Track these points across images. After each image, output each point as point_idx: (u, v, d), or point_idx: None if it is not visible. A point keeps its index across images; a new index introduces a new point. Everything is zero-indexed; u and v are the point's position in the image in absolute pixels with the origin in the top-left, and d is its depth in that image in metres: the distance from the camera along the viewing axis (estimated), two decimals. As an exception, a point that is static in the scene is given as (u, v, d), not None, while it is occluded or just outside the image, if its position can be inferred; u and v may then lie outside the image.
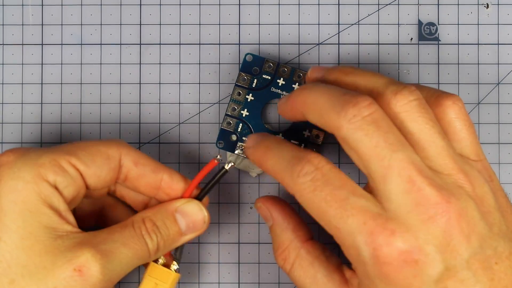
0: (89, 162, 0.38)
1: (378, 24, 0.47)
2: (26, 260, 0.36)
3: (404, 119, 0.36)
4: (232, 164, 0.42)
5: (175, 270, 0.41)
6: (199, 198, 0.42)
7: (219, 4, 0.47)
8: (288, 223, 0.40)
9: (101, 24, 0.47)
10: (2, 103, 0.47)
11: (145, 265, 0.41)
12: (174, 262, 0.41)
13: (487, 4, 0.47)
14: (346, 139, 0.35)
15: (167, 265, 0.41)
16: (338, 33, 0.47)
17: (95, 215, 0.43)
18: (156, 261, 0.41)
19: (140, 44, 0.47)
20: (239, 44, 0.47)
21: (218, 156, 0.41)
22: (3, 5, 0.47)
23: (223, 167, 0.42)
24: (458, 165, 0.36)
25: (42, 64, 0.47)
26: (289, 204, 0.41)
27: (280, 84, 0.46)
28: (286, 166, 0.37)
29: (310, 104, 0.37)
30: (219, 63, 0.47)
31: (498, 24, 0.47)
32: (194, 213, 0.41)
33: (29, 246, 0.36)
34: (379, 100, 0.36)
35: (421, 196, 0.34)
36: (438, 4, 0.47)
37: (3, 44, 0.47)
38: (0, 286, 0.36)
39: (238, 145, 0.45)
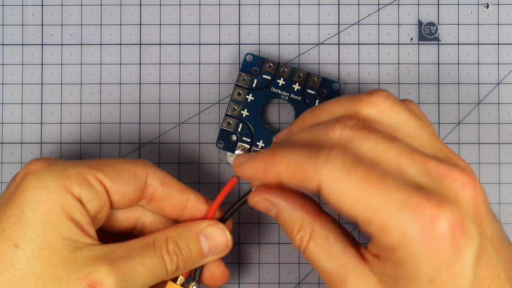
0: (116, 179, 0.38)
1: (378, 24, 0.47)
2: (41, 270, 0.36)
3: (388, 114, 0.36)
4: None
5: None
6: (223, 220, 0.41)
7: (219, 4, 0.47)
8: (294, 202, 0.38)
9: (101, 24, 0.47)
10: (2, 103, 0.47)
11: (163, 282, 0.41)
12: (193, 283, 0.41)
13: (487, 4, 0.47)
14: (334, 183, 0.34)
15: (184, 284, 0.41)
16: (338, 33, 0.47)
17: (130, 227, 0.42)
18: (175, 279, 0.40)
19: (140, 44, 0.47)
20: (239, 44, 0.47)
21: (238, 174, 0.40)
22: (3, 5, 0.47)
23: (251, 190, 0.40)
24: (445, 146, 0.36)
25: (42, 64, 0.47)
26: (283, 185, 0.39)
27: (280, 84, 0.46)
28: (307, 157, 0.34)
29: (284, 160, 0.35)
30: (219, 63, 0.47)
31: (498, 24, 0.47)
32: (218, 237, 0.40)
33: (46, 256, 0.36)
34: (356, 116, 0.36)
35: (443, 172, 0.33)
36: (438, 4, 0.47)
37: (3, 44, 0.47)
38: None
39: (238, 145, 0.45)
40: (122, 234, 0.41)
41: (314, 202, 0.38)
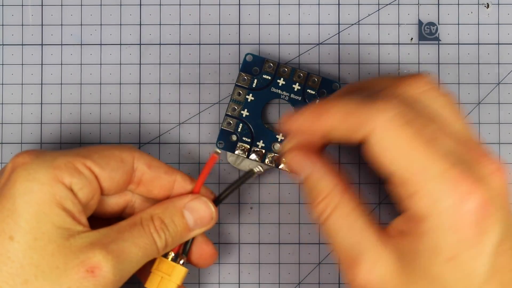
0: (104, 165, 0.39)
1: (378, 24, 0.47)
2: (39, 260, 0.36)
3: (428, 97, 0.36)
4: (261, 169, 0.41)
5: (182, 265, 0.41)
6: (219, 199, 0.42)
7: (219, 4, 0.47)
8: (328, 170, 0.38)
9: (101, 24, 0.47)
10: (2, 104, 0.47)
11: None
12: (182, 256, 0.41)
13: (488, 4, 0.47)
14: (381, 134, 0.34)
15: (174, 259, 0.41)
16: (338, 33, 0.47)
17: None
18: (165, 255, 0.41)
19: (140, 44, 0.47)
20: (239, 44, 0.47)
21: (218, 150, 0.41)
22: (3, 5, 0.47)
23: (251, 169, 0.41)
24: (477, 138, 0.37)
25: (42, 64, 0.47)
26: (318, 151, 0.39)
27: (280, 84, 0.46)
28: (360, 105, 0.34)
29: (336, 107, 0.36)
30: (219, 63, 0.47)
31: (498, 24, 0.47)
32: (202, 209, 0.41)
33: (42, 247, 0.36)
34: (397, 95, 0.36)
35: (479, 155, 0.34)
36: (438, 4, 0.47)
37: (3, 45, 0.47)
38: (13, 286, 0.36)
39: (238, 145, 0.45)
40: (113, 219, 0.42)
41: (346, 176, 0.38)
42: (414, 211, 0.34)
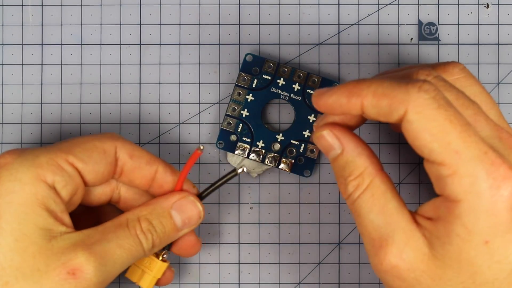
0: (86, 159, 0.38)
1: (378, 24, 0.47)
2: (20, 262, 0.36)
3: (463, 84, 0.37)
4: (244, 170, 0.41)
5: (164, 257, 0.41)
6: (202, 196, 0.41)
7: (219, 4, 0.47)
8: (363, 148, 0.37)
9: (101, 24, 0.47)
10: (2, 103, 0.47)
11: None
12: (164, 252, 0.41)
13: (487, 4, 0.47)
14: (417, 113, 0.34)
15: (157, 254, 0.41)
16: (338, 33, 0.47)
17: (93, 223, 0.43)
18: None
19: (140, 44, 0.47)
20: (239, 44, 0.47)
21: (201, 147, 0.40)
22: (3, 5, 0.47)
23: (234, 169, 0.41)
24: (509, 127, 0.37)
25: (42, 64, 0.47)
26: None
27: (280, 84, 0.46)
28: (397, 85, 0.34)
29: (371, 87, 0.35)
30: (219, 63, 0.47)
31: (498, 24, 0.47)
32: (190, 209, 0.40)
33: (23, 248, 0.36)
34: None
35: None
36: (438, 4, 0.47)
37: (3, 44, 0.47)
38: None
39: (238, 145, 0.45)
40: (102, 210, 0.42)
41: (377, 158, 0.38)
42: (450, 192, 0.33)
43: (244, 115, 0.45)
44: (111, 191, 0.41)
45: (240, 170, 0.41)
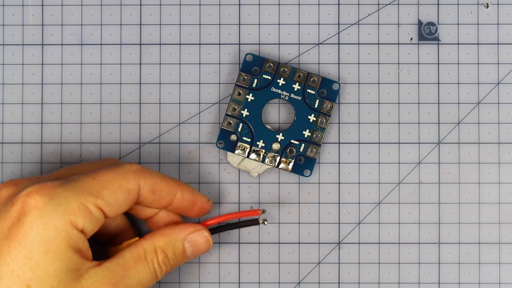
0: (113, 202, 0.39)
1: (378, 24, 0.47)
2: None
3: None
4: (265, 223, 0.44)
5: None
6: (215, 229, 0.44)
7: (219, 4, 0.47)
8: None
9: (101, 24, 0.47)
10: (3, 103, 0.47)
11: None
12: None
13: (487, 4, 0.47)
14: None
15: None
16: (338, 33, 0.47)
17: None
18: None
19: (140, 44, 0.47)
20: (239, 44, 0.47)
21: (264, 221, 0.44)
22: (3, 5, 0.47)
23: (257, 219, 0.44)
24: None
25: (42, 64, 0.47)
26: None
27: (280, 84, 0.46)
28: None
29: None
30: (219, 63, 0.47)
31: (498, 24, 0.47)
32: (201, 242, 0.43)
33: None
34: None
35: None
36: (438, 4, 0.47)
37: (3, 44, 0.47)
38: None
39: (238, 145, 0.45)
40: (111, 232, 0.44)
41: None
42: None
43: (244, 115, 0.46)
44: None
45: (261, 221, 0.44)
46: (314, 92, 0.46)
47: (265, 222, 0.44)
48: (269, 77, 0.46)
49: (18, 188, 0.39)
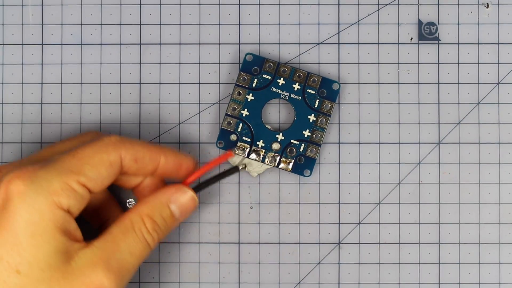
0: (96, 176, 0.39)
1: (378, 23, 0.47)
2: None
3: None
4: (245, 167, 0.43)
5: None
6: (199, 188, 0.43)
7: (219, 4, 0.47)
8: None
9: (101, 24, 0.47)
10: (2, 103, 0.47)
11: None
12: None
13: (487, 3, 0.47)
14: None
15: None
16: (338, 32, 0.47)
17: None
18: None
19: (140, 44, 0.47)
20: (239, 44, 0.47)
21: (244, 166, 0.42)
22: (3, 5, 0.47)
23: (237, 167, 0.43)
24: None
25: (42, 64, 0.47)
26: None
27: (280, 84, 0.46)
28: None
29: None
30: (219, 63, 0.47)
31: (498, 23, 0.47)
32: (185, 200, 0.42)
33: (48, 277, 0.36)
34: None
35: None
36: (438, 4, 0.47)
37: (3, 44, 0.47)
38: None
39: (238, 145, 0.45)
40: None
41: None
42: None
43: (244, 115, 0.45)
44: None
45: (241, 167, 0.43)
46: (314, 92, 0.46)
47: (245, 167, 0.43)
48: (269, 77, 0.46)
49: (1, 174, 0.39)
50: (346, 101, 0.47)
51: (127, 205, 0.43)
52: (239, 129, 0.45)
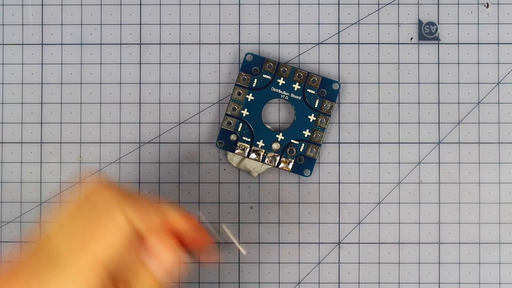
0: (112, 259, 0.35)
1: (378, 23, 0.47)
2: None
3: None
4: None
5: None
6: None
7: (219, 4, 0.47)
8: None
9: (101, 24, 0.47)
10: (2, 103, 0.47)
11: None
12: None
13: (487, 3, 0.47)
14: None
15: None
16: (338, 32, 0.47)
17: None
18: None
19: (140, 44, 0.47)
20: (239, 44, 0.47)
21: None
22: (3, 5, 0.47)
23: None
24: None
25: (42, 64, 0.47)
26: None
27: (280, 84, 0.46)
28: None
29: None
30: (219, 63, 0.47)
31: (498, 23, 0.47)
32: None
33: None
34: None
35: None
36: (438, 4, 0.47)
37: (3, 44, 0.47)
38: None
39: (238, 145, 0.45)
40: None
41: None
42: None
43: (244, 115, 0.45)
44: None
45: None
46: (314, 92, 0.46)
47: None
48: (269, 77, 0.46)
49: None
50: (346, 101, 0.47)
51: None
52: (239, 129, 0.45)
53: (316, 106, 0.46)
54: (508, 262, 0.46)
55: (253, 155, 0.45)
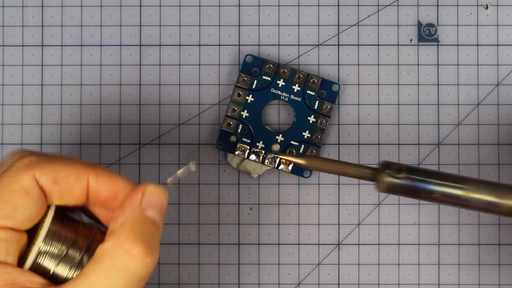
0: (13, 212, 0.33)
1: (378, 25, 0.47)
2: None
3: None
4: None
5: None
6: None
7: (219, 6, 0.47)
8: None
9: (101, 25, 0.47)
10: (2, 104, 0.47)
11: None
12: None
13: (487, 5, 0.47)
14: None
15: None
16: (338, 34, 0.47)
17: None
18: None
19: (140, 45, 0.47)
20: (239, 45, 0.47)
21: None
22: (3, 6, 0.47)
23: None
24: None
25: (42, 65, 0.47)
26: None
27: (280, 85, 0.46)
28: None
29: None
30: (219, 64, 0.47)
31: (497, 25, 0.47)
32: (160, 200, 0.35)
33: None
34: None
35: None
36: (437, 5, 0.47)
37: (3, 46, 0.47)
38: None
39: (238, 146, 0.45)
40: None
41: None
42: None
43: (244, 116, 0.46)
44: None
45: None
46: (313, 93, 0.46)
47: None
48: (269, 78, 0.46)
49: None
50: (346, 102, 0.47)
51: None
52: (239, 130, 0.45)
53: (315, 107, 0.46)
54: (507, 263, 0.46)
55: (253, 156, 0.45)
